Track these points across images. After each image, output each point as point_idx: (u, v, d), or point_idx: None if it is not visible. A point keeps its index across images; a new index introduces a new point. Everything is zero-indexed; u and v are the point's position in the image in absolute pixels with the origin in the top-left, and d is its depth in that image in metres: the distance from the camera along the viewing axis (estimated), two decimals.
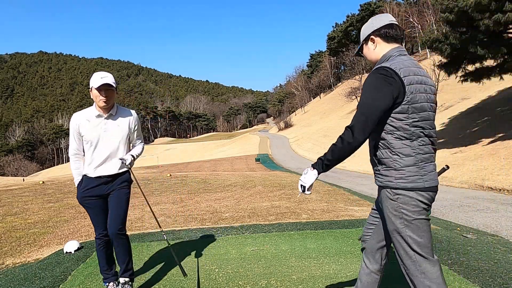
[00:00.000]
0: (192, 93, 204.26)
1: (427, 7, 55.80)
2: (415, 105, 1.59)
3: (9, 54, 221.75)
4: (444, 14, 15.93)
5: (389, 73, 1.57)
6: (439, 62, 18.28)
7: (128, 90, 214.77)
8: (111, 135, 2.53)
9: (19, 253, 4.02)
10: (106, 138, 2.52)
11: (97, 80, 2.41)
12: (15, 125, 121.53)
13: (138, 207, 6.73)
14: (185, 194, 8.54)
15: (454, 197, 8.90)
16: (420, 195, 1.61)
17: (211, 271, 2.98)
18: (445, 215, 6.62)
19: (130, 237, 4.30)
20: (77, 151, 2.58)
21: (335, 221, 4.79)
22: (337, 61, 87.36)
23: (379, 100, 1.56)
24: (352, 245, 3.59)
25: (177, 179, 12.54)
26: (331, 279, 2.71)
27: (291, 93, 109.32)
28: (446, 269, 2.84)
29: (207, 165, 34.86)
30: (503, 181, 10.24)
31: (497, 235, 4.84)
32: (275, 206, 6.32)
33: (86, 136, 2.51)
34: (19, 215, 6.34)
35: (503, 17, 12.88)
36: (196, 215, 5.68)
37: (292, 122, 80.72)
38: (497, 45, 14.13)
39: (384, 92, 1.56)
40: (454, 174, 12.77)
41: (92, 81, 2.44)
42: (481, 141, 15.73)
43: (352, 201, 6.94)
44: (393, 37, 1.72)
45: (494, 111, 19.84)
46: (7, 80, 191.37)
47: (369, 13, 75.07)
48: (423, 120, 1.62)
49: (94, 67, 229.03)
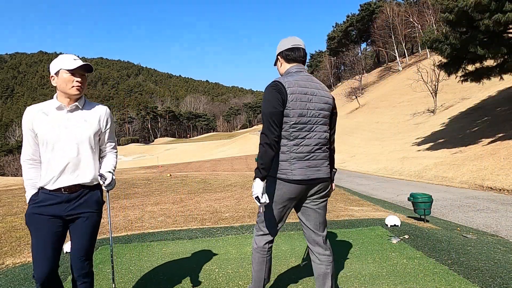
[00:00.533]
0: (192, 93, 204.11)
1: (427, 7, 55.77)
2: (294, 111, 1.97)
3: (9, 54, 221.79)
4: (444, 14, 15.92)
5: (277, 85, 1.98)
6: (439, 62, 18.27)
7: (128, 90, 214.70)
8: (75, 132, 1.92)
9: (19, 253, 4.02)
10: (68, 137, 1.90)
11: (69, 61, 1.89)
12: (15, 125, 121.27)
13: (138, 207, 6.73)
14: (185, 194, 8.54)
15: (454, 197, 8.90)
16: (284, 185, 2.01)
17: (211, 271, 2.98)
18: (445, 215, 6.62)
19: (130, 237, 4.32)
20: (33, 157, 1.94)
21: (335, 221, 4.79)
22: (337, 61, 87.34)
23: (271, 105, 1.95)
24: (352, 245, 3.59)
25: (177, 179, 12.54)
26: None
27: None
28: (446, 269, 2.84)
29: (207, 165, 34.85)
30: (503, 181, 10.25)
31: (497, 235, 4.84)
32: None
33: (41, 135, 1.88)
34: (19, 215, 6.34)
35: (503, 17, 12.87)
36: (196, 215, 5.68)
37: None
38: (497, 45, 14.12)
39: (273, 99, 1.95)
40: (454, 174, 12.77)
41: (61, 63, 1.89)
42: (481, 141, 15.72)
43: (352, 201, 6.94)
44: (293, 58, 2.13)
45: (494, 111, 19.84)
46: (7, 80, 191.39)
47: (369, 13, 75.06)
48: (302, 124, 1.99)
49: (94, 67, 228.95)
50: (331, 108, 2.13)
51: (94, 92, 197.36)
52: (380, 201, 7.91)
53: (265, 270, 2.15)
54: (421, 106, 33.11)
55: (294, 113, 1.97)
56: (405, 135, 26.29)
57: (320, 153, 2.08)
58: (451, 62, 16.94)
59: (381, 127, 34.09)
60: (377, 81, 64.72)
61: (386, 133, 30.83)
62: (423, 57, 53.50)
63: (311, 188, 2.07)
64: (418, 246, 3.47)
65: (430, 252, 3.28)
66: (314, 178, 2.04)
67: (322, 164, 2.09)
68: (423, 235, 3.92)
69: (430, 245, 3.51)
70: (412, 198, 4.91)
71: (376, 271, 2.83)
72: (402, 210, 6.57)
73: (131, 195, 8.73)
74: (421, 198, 4.82)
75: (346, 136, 37.02)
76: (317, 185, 2.07)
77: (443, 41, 16.10)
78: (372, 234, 4.00)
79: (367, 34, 78.86)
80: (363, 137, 33.10)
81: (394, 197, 9.30)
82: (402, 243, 3.60)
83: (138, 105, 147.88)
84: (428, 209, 4.86)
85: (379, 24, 66.08)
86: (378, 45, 71.11)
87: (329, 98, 2.12)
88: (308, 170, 2.02)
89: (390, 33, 64.56)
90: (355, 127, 39.47)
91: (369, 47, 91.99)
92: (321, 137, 2.08)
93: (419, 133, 24.60)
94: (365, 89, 61.18)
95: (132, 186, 10.70)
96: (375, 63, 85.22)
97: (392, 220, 4.31)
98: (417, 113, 31.88)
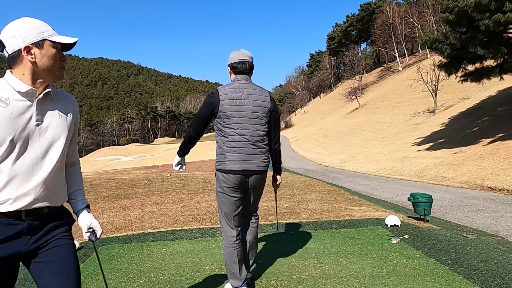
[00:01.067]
0: (192, 93, 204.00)
1: (427, 7, 55.79)
2: (228, 113, 2.35)
3: None
4: (444, 14, 15.93)
5: (213, 94, 2.41)
6: (439, 62, 18.28)
7: (128, 90, 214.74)
8: (50, 132, 1.34)
9: None
10: (40, 137, 1.31)
11: (53, 32, 1.34)
12: None
13: (138, 207, 6.73)
14: (185, 194, 8.54)
15: (454, 197, 8.90)
16: (223, 176, 2.39)
17: (211, 271, 2.98)
18: (445, 215, 6.62)
19: (130, 237, 4.32)
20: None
21: (335, 221, 4.79)
22: (337, 61, 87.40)
23: (202, 110, 2.42)
24: (352, 245, 3.59)
25: (177, 179, 12.54)
26: (331, 279, 2.71)
27: (291, 93, 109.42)
28: (446, 269, 2.84)
29: (207, 165, 34.81)
30: (503, 181, 10.25)
31: (497, 235, 4.84)
32: (275, 206, 6.31)
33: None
34: None
35: (503, 17, 12.88)
36: (196, 215, 5.68)
37: (292, 122, 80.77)
38: (497, 45, 14.13)
39: (205, 105, 2.41)
40: (454, 174, 12.77)
41: (43, 31, 1.30)
42: (481, 141, 15.73)
43: (352, 201, 6.94)
44: (239, 71, 2.50)
45: (494, 111, 19.83)
46: None
47: (369, 13, 75.10)
48: (234, 123, 2.36)
49: (94, 67, 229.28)
50: (267, 111, 2.45)
51: (94, 92, 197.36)
52: (380, 201, 7.92)
53: (238, 263, 2.38)
54: (421, 106, 33.11)
55: (226, 114, 2.35)
56: (405, 135, 26.30)
57: (253, 149, 2.41)
58: (451, 62, 16.94)
59: (381, 127, 34.09)
60: (377, 81, 64.74)
61: (386, 133, 30.83)
62: (423, 57, 53.51)
63: (247, 178, 2.42)
64: (418, 246, 3.47)
65: (430, 252, 3.28)
66: (247, 169, 2.38)
67: (256, 158, 2.42)
68: (423, 235, 3.92)
69: (430, 245, 3.51)
70: (412, 198, 4.91)
71: (376, 271, 2.83)
72: (402, 210, 6.57)
73: (131, 195, 8.73)
74: (421, 198, 4.82)
75: (346, 136, 37.02)
76: (252, 176, 2.42)
77: (443, 41, 16.10)
78: (372, 234, 4.00)
79: (367, 34, 78.89)
80: (363, 137, 33.10)
81: (394, 197, 9.30)
82: (402, 243, 3.60)
83: (138, 105, 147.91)
84: (428, 209, 4.86)
85: (379, 24, 66.10)
86: (378, 45, 71.15)
87: (265, 102, 2.46)
88: (241, 162, 2.37)
89: (390, 33, 64.57)
90: (355, 127, 39.47)
91: (369, 47, 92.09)
92: (254, 135, 2.40)
93: (419, 133, 24.61)
94: (365, 89, 61.20)
95: (132, 186, 10.70)
96: (375, 63, 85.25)
97: (392, 220, 4.31)
98: (417, 113, 31.88)
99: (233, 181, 2.37)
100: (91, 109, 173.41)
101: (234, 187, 2.39)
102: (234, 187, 2.39)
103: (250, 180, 2.43)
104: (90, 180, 13.66)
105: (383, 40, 67.37)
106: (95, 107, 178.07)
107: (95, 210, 6.60)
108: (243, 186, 2.43)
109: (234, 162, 2.36)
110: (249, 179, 2.42)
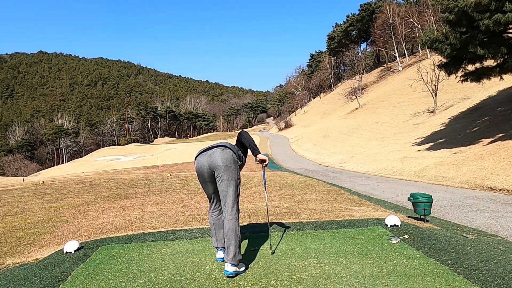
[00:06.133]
0: (192, 93, 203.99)
1: (427, 7, 55.81)
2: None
3: (9, 54, 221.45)
4: (444, 14, 15.93)
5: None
6: (439, 62, 18.27)
7: (128, 90, 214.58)
8: None
9: (19, 253, 4.02)
10: None
11: None
12: (15, 125, 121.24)
13: (138, 207, 6.73)
14: (185, 194, 8.54)
15: (454, 197, 8.90)
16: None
17: (211, 271, 2.98)
18: (445, 215, 6.62)
19: (130, 237, 4.32)
20: None
21: (335, 221, 4.79)
22: (337, 61, 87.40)
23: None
24: (352, 245, 3.59)
25: (177, 179, 12.54)
26: (331, 279, 2.71)
27: (291, 93, 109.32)
28: (446, 269, 2.84)
29: None
30: (503, 181, 10.25)
31: (497, 235, 4.85)
32: (275, 206, 6.32)
33: None
34: (19, 215, 6.34)
35: (503, 17, 12.88)
36: (196, 215, 5.68)
37: (292, 122, 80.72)
38: (497, 45, 14.12)
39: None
40: (454, 174, 12.77)
41: None
42: (481, 141, 15.73)
43: (352, 201, 6.94)
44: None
45: (494, 111, 19.84)
46: (7, 80, 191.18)
47: (369, 13, 75.06)
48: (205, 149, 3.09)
49: (94, 67, 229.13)
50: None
51: (94, 92, 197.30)
52: (380, 201, 7.91)
53: (215, 231, 3.20)
54: (421, 106, 33.10)
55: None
56: (405, 135, 26.30)
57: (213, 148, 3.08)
58: (451, 62, 16.94)
59: (381, 127, 34.09)
60: (377, 81, 64.74)
61: (386, 133, 30.83)
62: (423, 57, 53.51)
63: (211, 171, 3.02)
64: (418, 246, 3.47)
65: (430, 252, 3.28)
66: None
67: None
68: (423, 235, 3.92)
69: (430, 245, 3.51)
70: (412, 198, 4.90)
71: (376, 271, 2.83)
72: (402, 210, 6.57)
73: (131, 195, 8.73)
74: (421, 198, 4.82)
75: (346, 136, 37.02)
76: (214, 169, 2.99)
77: (443, 41, 16.10)
78: (372, 234, 4.00)
79: (367, 34, 78.89)
80: (363, 137, 33.10)
81: (394, 197, 9.30)
82: (402, 243, 3.60)
83: (138, 105, 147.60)
84: (428, 209, 4.86)
85: (379, 24, 66.09)
86: (378, 45, 71.15)
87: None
88: (202, 157, 3.06)
89: (390, 33, 64.57)
90: (355, 127, 39.47)
91: (369, 47, 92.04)
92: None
93: (419, 133, 24.61)
94: (365, 89, 61.22)
95: (132, 186, 10.70)
96: (375, 63, 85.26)
97: (392, 220, 4.31)
98: (417, 113, 31.87)
99: (198, 171, 3.18)
100: (91, 109, 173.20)
101: (200, 175, 3.17)
102: (200, 176, 3.18)
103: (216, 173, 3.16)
104: (90, 180, 13.66)
105: (383, 40, 67.36)
106: (95, 107, 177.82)
107: (95, 210, 6.60)
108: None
109: (198, 158, 3.17)
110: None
